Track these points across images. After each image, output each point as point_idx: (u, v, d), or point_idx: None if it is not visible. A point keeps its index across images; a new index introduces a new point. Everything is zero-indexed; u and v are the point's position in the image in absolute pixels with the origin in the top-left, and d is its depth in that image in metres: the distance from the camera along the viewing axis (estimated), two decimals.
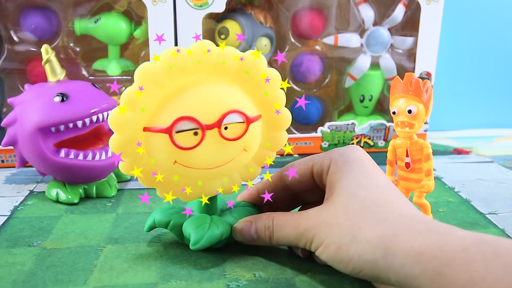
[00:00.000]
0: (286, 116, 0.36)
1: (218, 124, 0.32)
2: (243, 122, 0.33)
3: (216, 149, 0.33)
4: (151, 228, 0.38)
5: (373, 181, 0.32)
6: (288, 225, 0.33)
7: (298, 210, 0.39)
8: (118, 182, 0.52)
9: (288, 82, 0.67)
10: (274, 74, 0.35)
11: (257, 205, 0.40)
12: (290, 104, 0.68)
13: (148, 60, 0.31)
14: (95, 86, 0.49)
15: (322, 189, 0.36)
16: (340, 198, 0.32)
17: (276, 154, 0.38)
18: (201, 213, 0.37)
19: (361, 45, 0.63)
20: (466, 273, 0.25)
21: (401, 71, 0.64)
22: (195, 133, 0.32)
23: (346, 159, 0.34)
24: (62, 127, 0.45)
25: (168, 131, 0.31)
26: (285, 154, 0.36)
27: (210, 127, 0.32)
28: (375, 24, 0.63)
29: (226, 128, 0.32)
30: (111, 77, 0.61)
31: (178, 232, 0.37)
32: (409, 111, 0.39)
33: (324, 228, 0.31)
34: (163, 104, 0.32)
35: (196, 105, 0.32)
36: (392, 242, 0.28)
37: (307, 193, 0.39)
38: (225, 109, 0.32)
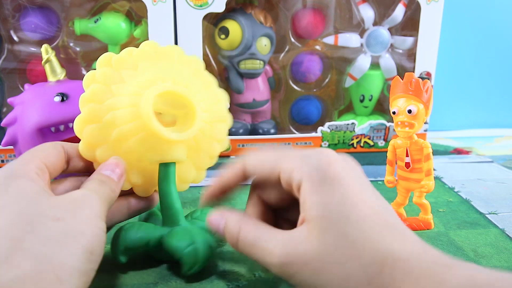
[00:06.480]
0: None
1: None
2: None
3: None
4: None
5: (357, 211, 0.27)
6: (258, 248, 0.29)
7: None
8: None
9: (288, 82, 0.67)
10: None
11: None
12: (290, 104, 0.68)
13: None
14: None
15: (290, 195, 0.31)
16: (316, 230, 0.27)
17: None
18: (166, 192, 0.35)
19: (361, 45, 0.63)
20: None
21: (401, 71, 0.64)
22: None
23: (324, 178, 0.28)
24: (62, 127, 0.45)
25: None
26: None
27: None
28: (375, 24, 0.63)
29: None
30: None
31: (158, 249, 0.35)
32: (409, 111, 0.39)
33: (297, 266, 0.27)
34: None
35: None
36: None
37: (276, 197, 0.33)
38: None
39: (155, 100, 0.33)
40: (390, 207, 0.29)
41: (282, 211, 0.33)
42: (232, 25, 0.60)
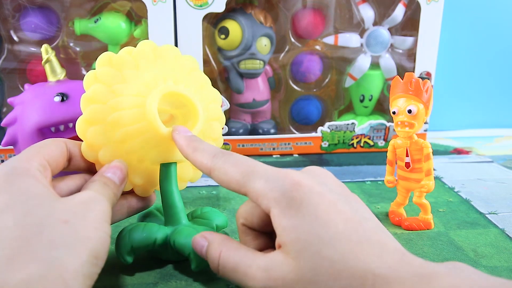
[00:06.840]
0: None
1: None
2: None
3: None
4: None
5: (330, 229, 0.27)
6: (239, 272, 0.29)
7: None
8: None
9: (288, 82, 0.67)
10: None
11: None
12: (290, 104, 0.68)
13: None
14: None
15: None
16: (292, 254, 0.27)
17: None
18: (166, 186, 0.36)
19: (361, 45, 0.63)
20: None
21: (401, 71, 0.64)
22: None
23: (291, 201, 0.27)
24: (62, 127, 0.45)
25: None
26: None
27: None
28: (375, 24, 0.63)
29: None
30: None
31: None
32: (409, 111, 0.39)
33: None
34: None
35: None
36: None
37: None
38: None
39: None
40: (367, 212, 0.29)
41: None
42: (232, 25, 0.60)
